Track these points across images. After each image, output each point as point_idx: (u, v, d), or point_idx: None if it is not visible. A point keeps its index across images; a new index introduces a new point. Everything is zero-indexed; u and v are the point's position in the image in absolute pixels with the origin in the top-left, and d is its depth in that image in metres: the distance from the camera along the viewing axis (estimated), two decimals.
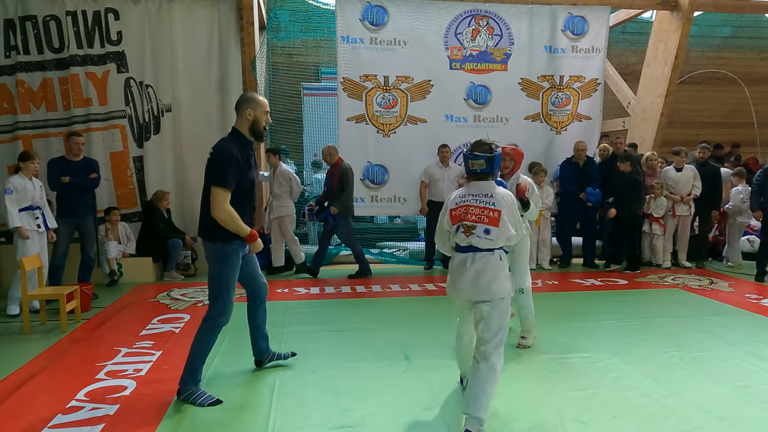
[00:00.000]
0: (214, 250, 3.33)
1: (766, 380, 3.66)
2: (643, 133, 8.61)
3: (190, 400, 3.27)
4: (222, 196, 3.17)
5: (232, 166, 3.19)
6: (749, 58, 11.17)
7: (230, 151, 3.22)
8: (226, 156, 3.20)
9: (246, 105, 3.34)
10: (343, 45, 7.31)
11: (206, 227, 3.33)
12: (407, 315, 5.28)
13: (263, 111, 3.38)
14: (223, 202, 3.17)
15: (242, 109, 3.35)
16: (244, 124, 3.35)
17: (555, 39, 7.76)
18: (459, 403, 3.29)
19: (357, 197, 7.52)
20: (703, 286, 6.44)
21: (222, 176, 3.18)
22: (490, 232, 2.90)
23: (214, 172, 3.21)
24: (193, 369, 3.34)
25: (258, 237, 3.37)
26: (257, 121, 3.35)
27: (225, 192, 3.18)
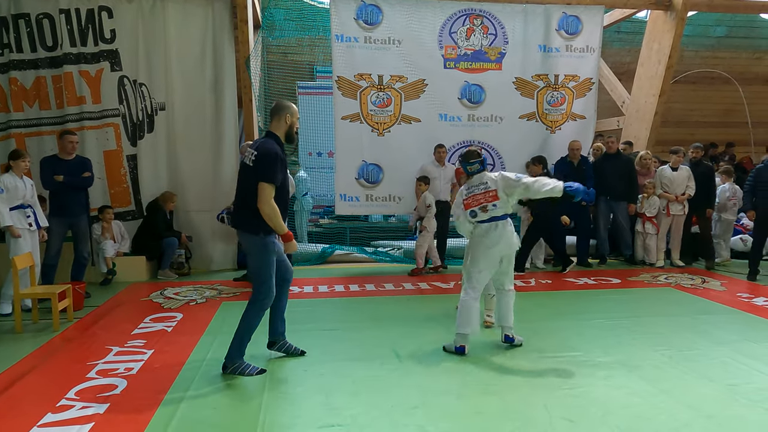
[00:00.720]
0: (256, 242, 3.60)
1: (755, 379, 3.68)
2: (637, 132, 8.64)
3: (237, 372, 3.66)
4: (269, 191, 3.48)
5: (278, 165, 3.51)
6: (743, 57, 11.20)
7: (276, 151, 3.54)
8: (273, 155, 3.51)
9: (285, 111, 3.68)
10: (337, 44, 7.30)
11: (248, 221, 3.58)
12: (400, 314, 5.29)
13: (296, 117, 3.75)
14: (270, 197, 3.48)
15: (281, 114, 3.67)
16: (282, 128, 3.67)
17: (549, 38, 7.77)
18: (449, 402, 3.31)
19: (352, 196, 7.54)
20: (696, 285, 6.46)
21: (270, 173, 3.47)
22: (496, 205, 4.09)
23: (262, 169, 3.49)
24: (240, 345, 3.71)
25: (293, 237, 3.65)
26: (292, 126, 3.70)
27: (272, 188, 3.48)
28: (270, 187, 3.48)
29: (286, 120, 3.66)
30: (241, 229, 3.69)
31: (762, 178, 6.71)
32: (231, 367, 3.68)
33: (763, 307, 5.48)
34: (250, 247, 3.67)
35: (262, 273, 3.63)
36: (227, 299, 5.82)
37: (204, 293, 6.04)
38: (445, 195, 7.28)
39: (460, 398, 3.37)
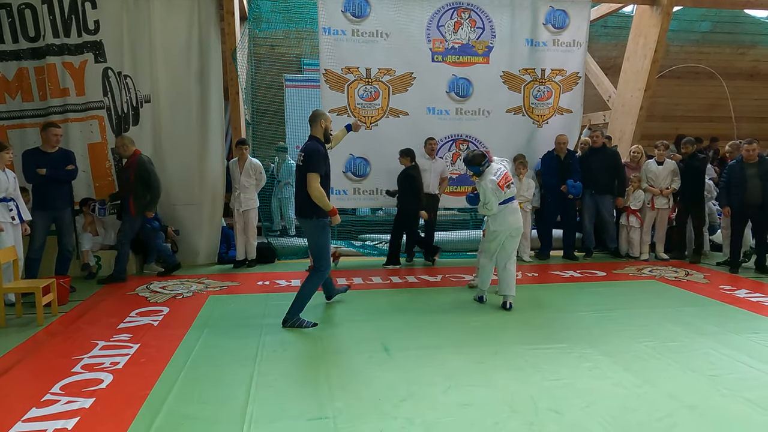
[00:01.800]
0: (315, 225, 4.56)
1: (736, 369, 3.75)
2: (623, 126, 8.70)
3: (296, 325, 4.55)
4: (315, 178, 4.40)
5: (322, 159, 4.47)
6: (727, 53, 11.31)
7: (319, 148, 4.51)
8: (316, 151, 4.47)
9: (321, 118, 4.63)
10: (325, 36, 7.26)
11: (306, 208, 4.54)
12: (387, 307, 5.30)
13: (330, 121, 4.73)
14: (316, 183, 4.40)
15: (318, 120, 4.62)
16: (319, 131, 4.61)
17: (536, 32, 7.78)
18: (437, 394, 3.33)
19: (339, 189, 7.52)
20: (680, 277, 6.54)
21: (316, 165, 4.42)
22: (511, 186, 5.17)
23: (310, 163, 4.43)
24: (300, 305, 4.62)
25: (337, 212, 4.58)
26: (327, 129, 4.66)
27: (317, 176, 4.41)
28: (315, 175, 4.40)
29: (322, 124, 4.61)
30: (301, 216, 4.64)
31: (735, 174, 6.80)
32: (290, 321, 4.55)
33: (744, 299, 5.57)
34: (309, 229, 4.63)
35: (321, 249, 4.62)
36: (214, 293, 5.80)
37: (191, 287, 6.01)
38: (434, 188, 7.29)
39: (447, 390, 3.39)
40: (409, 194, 6.99)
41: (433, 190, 7.28)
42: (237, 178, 7.02)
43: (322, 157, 4.47)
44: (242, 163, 7.07)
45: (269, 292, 5.85)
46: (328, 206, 4.49)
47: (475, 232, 8.54)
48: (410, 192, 6.98)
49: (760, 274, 6.70)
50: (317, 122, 4.61)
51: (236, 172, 7.03)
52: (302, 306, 4.62)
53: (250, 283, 6.31)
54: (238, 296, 5.72)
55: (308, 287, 4.63)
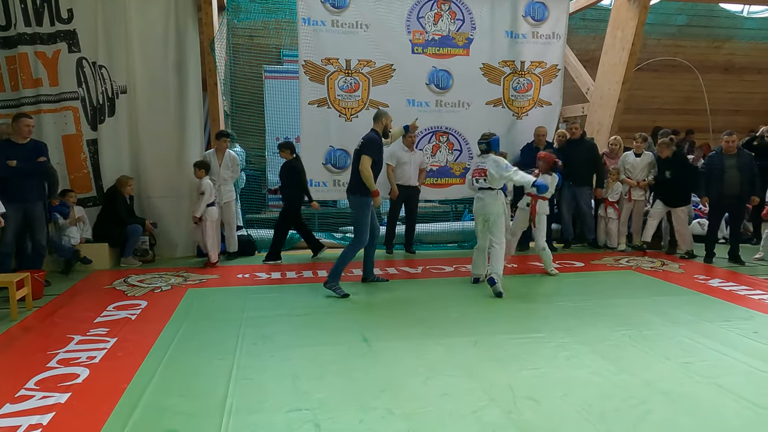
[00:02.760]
0: (358, 201, 5.35)
1: (709, 357, 3.83)
2: (601, 118, 8.79)
3: (332, 289, 5.27)
4: (367, 160, 5.23)
5: (376, 146, 5.33)
6: (703, 46, 11.47)
7: (375, 138, 5.38)
8: (372, 140, 5.34)
9: (383, 116, 5.49)
10: (304, 27, 7.19)
11: (354, 185, 5.40)
12: (367, 299, 5.31)
13: (390, 120, 5.55)
14: (368, 165, 5.23)
15: (380, 119, 5.47)
16: (380, 127, 5.46)
17: (516, 24, 7.81)
18: (416, 385, 3.35)
19: (319, 181, 7.49)
20: (656, 267, 6.66)
21: (370, 150, 5.27)
22: (486, 180, 5.54)
23: (366, 148, 5.28)
24: (337, 272, 5.33)
25: (378, 194, 5.37)
26: (387, 126, 5.50)
27: (369, 159, 5.23)
28: (368, 158, 5.23)
29: (383, 122, 5.45)
30: (350, 192, 5.45)
31: (714, 165, 6.92)
32: (328, 285, 5.29)
33: (718, 288, 5.69)
34: (354, 204, 5.39)
35: (361, 223, 5.34)
36: (193, 286, 5.75)
37: (169, 280, 5.95)
38: (414, 180, 7.31)
39: (427, 381, 3.41)
40: (294, 187, 6.95)
41: (413, 182, 7.29)
42: (216, 171, 6.95)
43: (377, 146, 5.33)
44: (221, 155, 7.00)
45: (249, 285, 5.82)
46: (373, 187, 5.26)
47: (455, 224, 8.61)
48: (295, 185, 6.95)
49: (733, 264, 6.85)
50: (380, 120, 5.46)
51: (215, 164, 6.95)
52: (338, 273, 5.31)
53: (231, 275, 6.27)
54: (217, 289, 5.68)
55: (344, 257, 5.33)
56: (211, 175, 6.95)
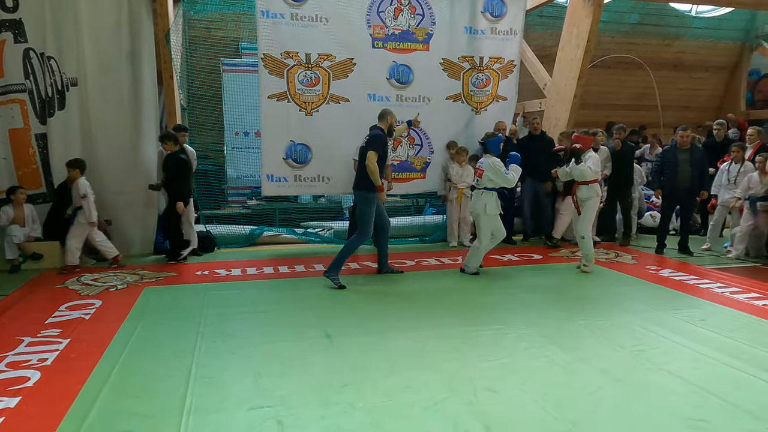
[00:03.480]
0: (364, 196, 5.54)
1: (660, 344, 3.98)
2: (557, 114, 8.97)
3: (330, 279, 5.42)
4: (373, 156, 5.42)
5: (381, 143, 5.52)
6: (654, 44, 11.83)
7: (381, 134, 5.57)
8: (380, 137, 5.53)
9: (388, 115, 5.69)
10: (263, 20, 7.08)
11: (359, 181, 5.59)
12: (329, 294, 5.29)
13: (395, 119, 5.78)
14: (374, 160, 5.40)
15: (384, 118, 5.68)
16: (385, 125, 5.65)
17: (475, 20, 7.88)
18: (379, 379, 3.36)
19: (280, 177, 7.41)
20: (610, 259, 6.86)
21: (376, 146, 5.47)
22: (481, 180, 5.95)
23: (372, 143, 5.48)
24: (339, 262, 5.48)
25: (383, 189, 5.54)
26: (391, 125, 5.72)
27: (376, 155, 5.42)
28: (374, 154, 5.41)
29: (388, 120, 5.66)
30: (356, 188, 5.64)
31: (668, 159, 7.17)
32: (328, 274, 5.44)
33: (669, 278, 5.91)
34: (359, 198, 5.58)
35: (365, 216, 5.50)
36: (150, 284, 5.61)
37: (125, 278, 5.79)
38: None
39: (389, 374, 3.43)
40: (181, 182, 6.57)
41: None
42: None
43: (383, 142, 5.53)
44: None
45: (208, 282, 5.72)
46: (378, 182, 5.44)
47: (416, 219, 8.66)
48: (182, 179, 6.59)
49: (682, 255, 7.11)
50: (385, 118, 5.66)
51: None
52: (340, 263, 5.46)
53: (189, 273, 6.15)
54: (175, 287, 5.56)
55: (347, 248, 5.52)
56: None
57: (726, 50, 12.51)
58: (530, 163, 7.65)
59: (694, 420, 2.90)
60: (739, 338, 4.09)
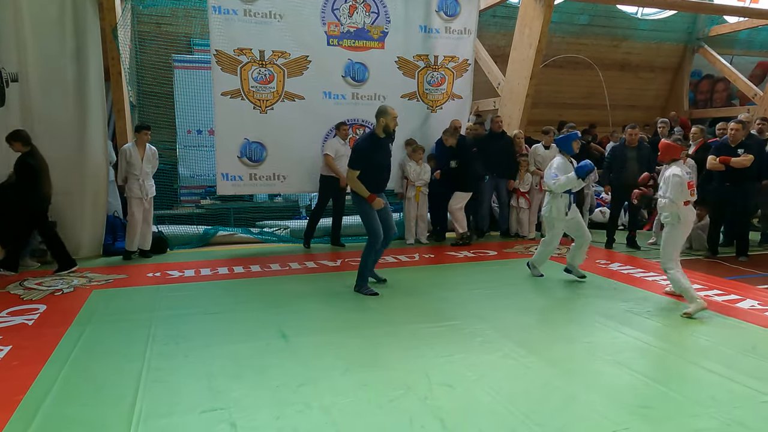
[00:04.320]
0: (357, 200, 5.07)
1: (608, 336, 4.11)
2: (511, 112, 9.13)
3: (362, 293, 5.10)
4: (350, 174, 4.97)
5: (362, 155, 4.93)
6: (603, 44, 12.18)
7: (362, 145, 4.98)
8: (357, 150, 4.98)
9: (380, 116, 4.97)
10: (215, 16, 6.94)
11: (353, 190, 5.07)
12: (286, 294, 5.24)
13: (392, 118, 4.98)
14: (351, 178, 4.98)
15: (378, 119, 4.98)
16: (379, 127, 4.98)
17: (429, 19, 7.94)
18: (335, 377, 3.35)
19: (234, 175, 7.29)
20: (562, 254, 7.00)
21: (353, 161, 4.97)
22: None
23: (350, 159, 5.04)
24: (362, 274, 5.18)
25: (375, 198, 4.96)
26: (387, 126, 4.97)
27: (354, 172, 4.93)
28: (351, 171, 4.95)
29: (381, 122, 4.96)
30: (352, 192, 5.10)
31: (616, 156, 7.41)
32: (357, 287, 5.17)
33: (617, 272, 6.11)
34: (355, 202, 5.15)
35: (367, 222, 5.07)
36: (99, 287, 5.43)
37: (71, 282, 5.58)
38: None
39: (346, 373, 3.42)
40: (31, 189, 5.76)
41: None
42: (138, 165, 6.63)
43: (363, 154, 4.92)
44: (142, 148, 6.68)
45: (161, 284, 5.58)
46: (365, 193, 4.94)
47: None
48: (30, 186, 5.76)
49: (631, 249, 7.36)
50: (378, 119, 4.99)
51: (136, 158, 6.62)
52: (364, 275, 5.17)
53: (140, 275, 5.98)
54: (125, 289, 5.40)
55: (363, 260, 5.18)
56: (132, 169, 6.60)
57: (670, 52, 12.99)
58: (491, 160, 7.78)
59: (638, 407, 3.01)
60: (681, 328, 4.26)
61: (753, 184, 6.87)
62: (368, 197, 4.93)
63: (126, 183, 6.69)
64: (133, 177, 6.64)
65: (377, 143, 4.97)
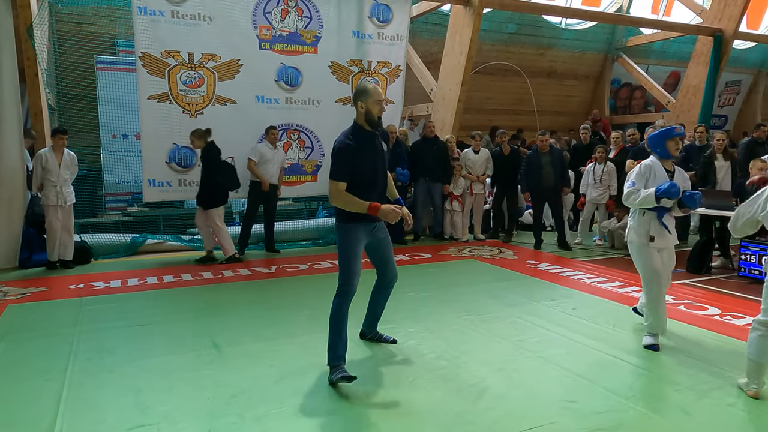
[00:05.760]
0: (338, 229, 3.55)
1: (537, 333, 4.26)
2: (443, 117, 9.33)
3: (331, 377, 3.36)
4: (334, 187, 3.36)
5: (342, 158, 3.35)
6: (530, 53, 12.67)
7: (339, 146, 3.39)
8: (338, 150, 3.38)
9: (359, 99, 3.45)
10: (140, 17, 6.71)
11: (336, 212, 3.56)
12: (218, 302, 5.12)
13: (375, 101, 3.45)
14: (337, 194, 3.37)
15: (355, 103, 3.48)
16: (360, 116, 3.48)
17: (362, 25, 8.00)
18: (269, 386, 3.31)
19: (162, 181, 7.06)
20: (494, 255, 7.24)
21: (334, 169, 3.38)
22: None
23: (331, 165, 3.40)
24: (333, 345, 3.46)
25: (380, 206, 3.37)
26: (369, 112, 3.45)
27: (337, 184, 3.35)
28: (335, 183, 3.35)
29: (361, 108, 3.45)
30: (336, 221, 3.59)
31: (532, 162, 7.72)
32: (330, 371, 3.42)
33: (545, 272, 6.35)
34: (336, 234, 3.60)
35: (342, 260, 3.53)
36: (14, 301, 5.11)
37: None
38: (275, 179, 7.21)
39: (279, 381, 3.38)
40: None
41: (273, 181, 7.20)
42: (55, 171, 6.28)
43: (344, 156, 3.34)
44: (59, 153, 6.33)
45: (84, 296, 5.31)
46: (362, 207, 3.35)
47: (309, 222, 8.61)
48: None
49: (560, 249, 7.67)
50: (355, 105, 3.47)
51: (53, 164, 6.28)
52: (335, 349, 3.44)
53: (61, 287, 5.67)
54: (45, 303, 5.11)
55: (331, 321, 3.50)
56: (48, 176, 6.25)
57: (592, 60, 13.68)
58: (424, 164, 7.91)
59: (565, 401, 3.14)
60: (604, 324, 4.48)
61: None
62: (370, 208, 3.35)
63: (42, 190, 6.34)
64: (49, 184, 6.30)
65: (364, 139, 3.44)
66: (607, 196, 7.83)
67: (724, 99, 15.65)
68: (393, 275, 3.93)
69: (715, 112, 14.17)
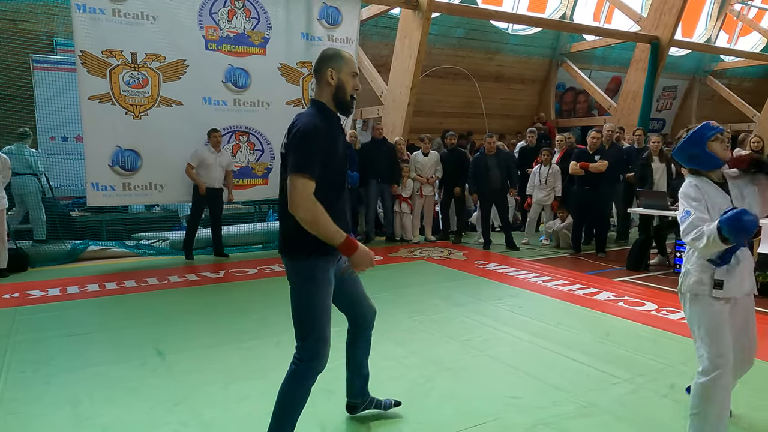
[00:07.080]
0: (297, 269, 2.42)
1: (484, 332, 4.35)
2: (394, 120, 9.40)
3: None
4: (302, 186, 2.22)
5: (313, 146, 2.26)
6: (478, 57, 12.91)
7: (309, 129, 2.27)
8: (307, 133, 2.26)
9: (325, 66, 2.39)
10: (79, 14, 6.48)
11: (289, 239, 2.39)
12: (163, 309, 4.99)
13: (351, 72, 2.43)
14: (304, 195, 2.23)
15: (321, 72, 2.40)
16: (326, 93, 2.41)
17: (311, 27, 7.97)
18: (215, 392, 3.25)
19: (106, 185, 6.84)
20: (444, 256, 7.34)
21: (301, 160, 2.24)
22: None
23: (292, 156, 2.27)
24: (278, 426, 2.49)
25: (358, 246, 2.41)
26: (342, 88, 2.40)
27: (306, 181, 2.23)
28: (303, 180, 2.22)
29: (330, 78, 2.39)
30: (283, 254, 2.44)
31: (479, 164, 7.87)
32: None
33: (493, 271, 6.48)
34: (292, 276, 2.45)
35: (309, 319, 2.46)
36: None
37: None
38: (219, 182, 7.08)
39: (226, 387, 3.33)
40: None
41: (217, 185, 7.06)
42: None
43: (314, 144, 2.28)
44: None
45: (18, 306, 5.08)
46: (335, 236, 2.31)
47: (259, 225, 8.51)
48: None
49: (509, 249, 7.84)
50: (321, 74, 2.41)
51: None
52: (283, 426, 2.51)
53: None
54: None
55: (284, 399, 2.52)
56: None
57: (538, 65, 14.06)
58: (374, 167, 7.95)
59: (510, 398, 3.21)
60: (548, 321, 4.61)
61: (610, 186, 7.56)
62: (343, 244, 2.36)
63: None
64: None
65: (333, 125, 2.43)
66: (552, 197, 8.06)
67: (662, 104, 16.40)
68: (372, 311, 2.97)
69: (653, 116, 14.83)
